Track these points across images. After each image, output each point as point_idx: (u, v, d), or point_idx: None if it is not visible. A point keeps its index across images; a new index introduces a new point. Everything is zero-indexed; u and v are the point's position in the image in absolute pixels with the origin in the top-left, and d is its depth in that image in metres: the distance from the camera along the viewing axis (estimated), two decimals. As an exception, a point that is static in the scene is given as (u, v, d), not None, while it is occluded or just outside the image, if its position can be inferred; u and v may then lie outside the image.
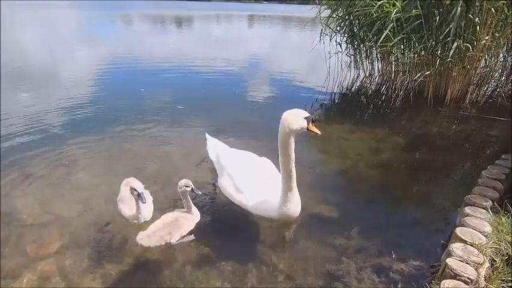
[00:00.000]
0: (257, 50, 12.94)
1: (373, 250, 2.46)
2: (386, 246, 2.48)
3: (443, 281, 1.69)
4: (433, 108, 5.72)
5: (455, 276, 1.74)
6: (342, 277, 2.24)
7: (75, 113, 5.09)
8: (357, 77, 7.87)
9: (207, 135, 3.55)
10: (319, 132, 2.42)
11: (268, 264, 2.32)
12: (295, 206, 2.67)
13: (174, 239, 2.42)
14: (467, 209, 2.29)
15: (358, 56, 7.61)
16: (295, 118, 2.34)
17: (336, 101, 6.62)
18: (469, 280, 1.71)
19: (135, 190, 2.37)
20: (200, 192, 2.57)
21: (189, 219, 2.55)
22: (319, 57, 7.78)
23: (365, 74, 7.74)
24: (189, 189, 2.50)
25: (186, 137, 4.38)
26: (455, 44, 5.19)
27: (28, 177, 3.24)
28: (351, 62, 7.81)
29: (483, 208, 2.33)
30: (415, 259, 2.35)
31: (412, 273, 2.24)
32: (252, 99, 6.27)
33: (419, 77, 5.87)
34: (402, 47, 6.27)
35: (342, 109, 6.36)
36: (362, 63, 7.64)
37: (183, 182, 2.50)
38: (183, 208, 2.60)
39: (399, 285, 2.00)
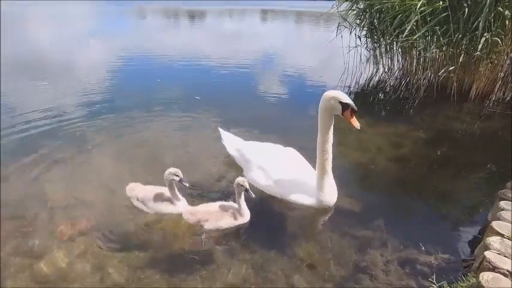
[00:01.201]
0: (273, 44, 12.82)
1: (399, 243, 2.42)
2: (412, 239, 2.43)
3: (482, 274, 1.64)
4: (457, 104, 5.54)
5: (493, 268, 1.69)
6: (368, 269, 2.20)
7: (95, 101, 5.18)
8: (376, 71, 7.69)
9: (220, 129, 3.46)
10: (357, 126, 2.35)
11: (290, 254, 2.30)
12: (331, 193, 2.68)
13: (207, 226, 2.43)
14: (502, 203, 2.23)
15: (377, 50, 7.43)
16: (329, 99, 2.36)
17: (354, 95, 6.50)
18: (507, 273, 1.66)
19: (177, 176, 2.46)
20: (254, 195, 2.44)
21: (232, 217, 2.47)
22: (336, 52, 7.65)
23: (384, 69, 7.56)
24: (243, 188, 2.41)
25: (203, 127, 4.39)
26: (483, 38, 5.00)
27: (54, 163, 3.31)
28: (370, 56, 7.63)
29: (518, 203, 2.25)
30: (443, 252, 2.30)
31: (441, 266, 2.19)
32: (268, 92, 6.22)
33: (443, 73, 5.68)
34: (425, 41, 6.08)
35: (360, 103, 6.21)
36: (382, 58, 7.46)
37: (239, 179, 2.43)
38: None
39: (433, 277, 1.95)
